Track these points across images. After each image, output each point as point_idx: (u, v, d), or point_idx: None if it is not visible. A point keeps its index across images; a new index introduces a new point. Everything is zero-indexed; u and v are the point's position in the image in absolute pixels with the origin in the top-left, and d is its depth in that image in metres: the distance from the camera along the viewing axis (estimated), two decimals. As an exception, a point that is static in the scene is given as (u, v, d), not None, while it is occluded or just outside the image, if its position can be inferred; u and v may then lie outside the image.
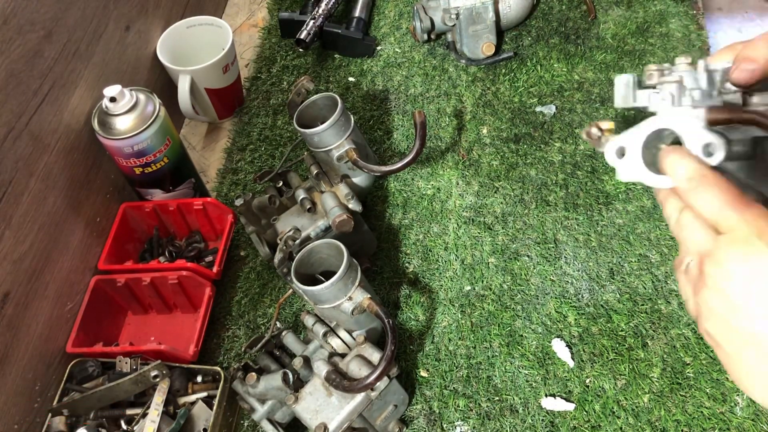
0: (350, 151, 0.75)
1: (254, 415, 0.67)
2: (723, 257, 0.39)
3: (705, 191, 0.39)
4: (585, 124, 0.93)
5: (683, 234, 0.42)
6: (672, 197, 0.43)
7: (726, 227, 0.39)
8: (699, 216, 0.40)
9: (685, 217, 0.42)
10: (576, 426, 0.68)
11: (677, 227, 0.42)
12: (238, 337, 0.80)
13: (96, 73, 0.81)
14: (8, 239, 0.67)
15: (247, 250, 0.87)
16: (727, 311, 0.39)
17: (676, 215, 0.43)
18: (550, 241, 0.82)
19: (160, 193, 0.84)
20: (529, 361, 0.73)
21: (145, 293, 0.79)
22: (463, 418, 0.70)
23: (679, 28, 1.03)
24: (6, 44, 0.66)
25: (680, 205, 0.42)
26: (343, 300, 0.63)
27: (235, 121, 1.03)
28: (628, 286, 0.77)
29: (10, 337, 0.67)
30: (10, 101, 0.67)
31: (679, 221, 0.42)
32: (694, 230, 0.41)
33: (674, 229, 0.43)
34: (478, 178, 0.90)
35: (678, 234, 0.43)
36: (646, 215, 0.83)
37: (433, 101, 1.00)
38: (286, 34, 1.12)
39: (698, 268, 0.41)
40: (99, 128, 0.76)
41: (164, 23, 0.98)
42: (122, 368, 0.70)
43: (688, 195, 0.40)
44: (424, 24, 1.02)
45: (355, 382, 0.59)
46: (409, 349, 0.76)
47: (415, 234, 0.86)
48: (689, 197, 0.40)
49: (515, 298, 0.78)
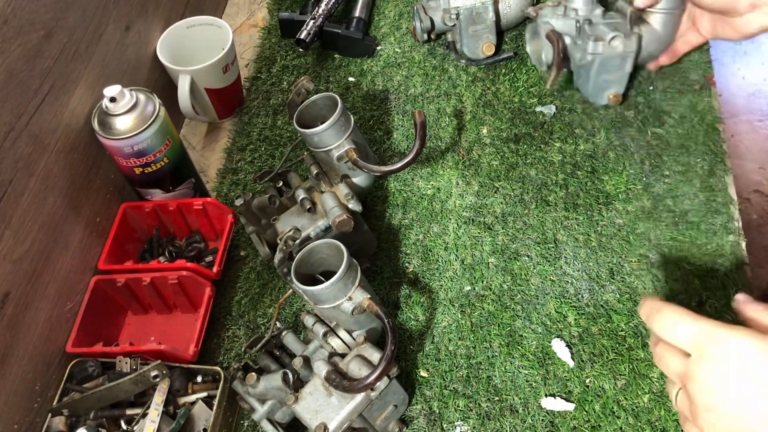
0: (350, 151, 0.75)
1: (254, 415, 0.67)
2: (698, 375, 0.42)
3: (659, 316, 0.45)
4: (585, 124, 0.93)
5: (662, 364, 0.47)
6: (655, 340, 0.48)
7: (690, 346, 0.43)
8: (669, 346, 0.45)
9: (659, 348, 0.47)
10: (576, 426, 0.69)
11: (658, 361, 0.47)
12: (238, 337, 0.80)
13: (96, 73, 0.81)
14: (8, 239, 0.67)
15: (247, 250, 0.87)
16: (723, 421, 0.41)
17: (657, 351, 0.48)
18: (550, 241, 0.82)
19: (160, 193, 0.84)
20: (529, 361, 0.73)
21: (145, 293, 0.79)
22: (463, 418, 0.70)
23: (679, 28, 1.03)
24: (6, 44, 0.66)
25: (656, 340, 0.48)
26: (343, 300, 0.63)
27: (235, 121, 1.03)
28: (628, 286, 0.77)
29: (10, 337, 0.67)
30: (9, 101, 0.67)
31: (656, 354, 0.47)
32: (669, 358, 0.46)
33: (658, 363, 0.48)
34: (478, 178, 0.90)
35: (660, 366, 0.47)
36: (646, 215, 0.83)
37: (433, 101, 1.00)
38: (286, 34, 1.12)
39: (685, 393, 0.45)
40: (99, 128, 0.76)
41: (164, 23, 0.98)
42: (122, 368, 0.70)
43: (652, 327, 0.46)
44: (424, 24, 1.02)
45: (355, 382, 0.59)
46: (409, 349, 0.76)
47: (415, 234, 0.86)
48: (653, 328, 0.46)
49: (515, 298, 0.78)
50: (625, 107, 0.94)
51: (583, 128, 0.93)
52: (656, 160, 0.88)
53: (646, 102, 0.95)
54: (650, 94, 0.96)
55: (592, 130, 0.93)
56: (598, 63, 0.86)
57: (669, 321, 0.44)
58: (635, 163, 0.88)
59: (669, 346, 0.45)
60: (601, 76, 0.88)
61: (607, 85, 0.90)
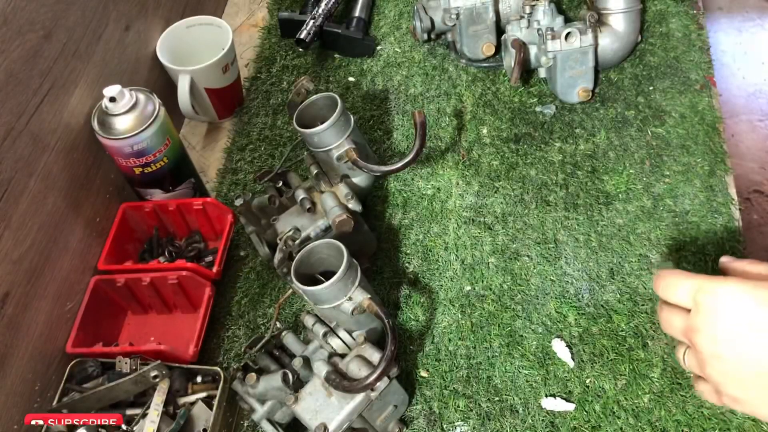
0: (350, 151, 0.75)
1: (254, 416, 0.67)
2: (700, 325, 0.46)
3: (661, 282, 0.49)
4: (585, 124, 0.93)
5: (668, 326, 0.50)
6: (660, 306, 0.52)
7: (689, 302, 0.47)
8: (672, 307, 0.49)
9: (664, 312, 0.50)
10: (576, 426, 0.68)
11: (664, 325, 0.51)
12: (238, 337, 0.79)
13: (96, 73, 0.81)
14: (8, 239, 0.67)
15: (247, 250, 0.87)
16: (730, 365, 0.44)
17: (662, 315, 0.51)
18: (550, 241, 0.82)
19: (160, 193, 0.84)
20: (529, 362, 0.73)
21: (145, 293, 0.79)
22: (463, 419, 0.70)
23: (680, 28, 1.03)
24: (6, 44, 0.66)
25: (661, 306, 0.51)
26: (343, 300, 0.63)
27: (235, 121, 1.03)
28: (628, 286, 0.77)
29: (10, 337, 0.67)
30: (9, 101, 0.67)
31: (662, 319, 0.51)
32: (672, 318, 0.49)
33: (664, 327, 0.51)
34: (478, 178, 0.89)
35: (666, 329, 0.51)
36: (646, 215, 0.83)
37: (433, 101, 1.00)
38: (286, 34, 1.12)
39: (691, 350, 0.48)
40: (99, 128, 0.76)
41: (164, 23, 0.98)
42: (122, 368, 0.70)
43: (657, 293, 0.50)
44: (424, 24, 1.02)
45: (355, 383, 0.59)
46: (409, 349, 0.76)
47: (415, 234, 0.86)
48: (658, 294, 0.50)
49: (515, 298, 0.78)
50: (625, 107, 0.94)
51: (583, 128, 0.93)
52: (656, 160, 0.88)
53: (646, 102, 0.95)
54: (650, 94, 0.96)
55: (592, 130, 0.93)
56: (560, 60, 0.92)
57: (669, 283, 0.48)
58: (635, 163, 0.88)
59: (672, 308, 0.49)
60: (566, 73, 0.93)
61: (575, 81, 0.94)
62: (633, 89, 0.97)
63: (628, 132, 0.92)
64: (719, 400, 0.47)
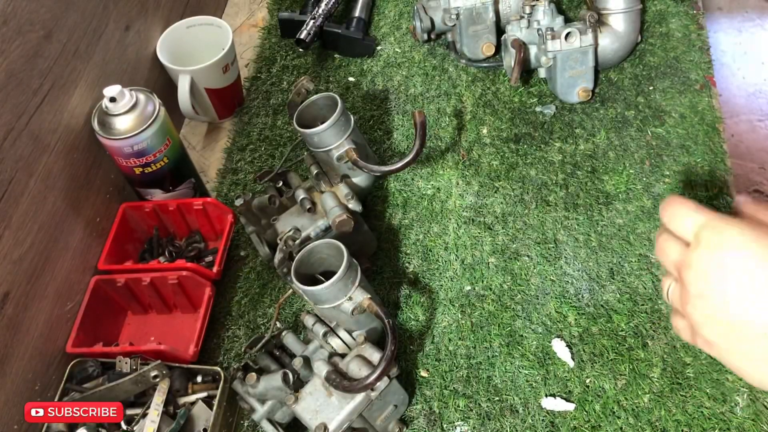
0: (350, 151, 0.75)
1: (254, 415, 0.67)
2: (695, 262, 0.42)
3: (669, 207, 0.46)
4: (585, 124, 0.93)
5: (662, 253, 0.47)
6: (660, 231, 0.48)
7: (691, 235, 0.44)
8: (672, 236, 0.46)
9: (662, 238, 0.47)
10: (576, 426, 0.68)
11: (659, 251, 0.47)
12: (238, 337, 0.79)
13: (96, 73, 0.81)
14: (8, 239, 0.67)
15: (247, 250, 0.87)
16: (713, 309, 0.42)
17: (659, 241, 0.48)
18: (550, 241, 0.82)
19: (160, 193, 0.84)
20: (529, 361, 0.73)
21: (145, 293, 0.79)
22: (463, 418, 0.70)
23: (679, 28, 1.03)
24: (6, 44, 0.66)
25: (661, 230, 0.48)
26: (343, 300, 0.63)
27: (235, 121, 1.03)
28: (628, 286, 0.77)
29: (10, 337, 0.67)
30: (9, 101, 0.67)
31: (658, 244, 0.47)
32: (669, 247, 0.46)
33: (658, 253, 0.48)
34: (478, 178, 0.89)
35: (659, 256, 0.47)
36: (646, 215, 0.83)
37: (433, 101, 1.00)
38: (286, 34, 1.12)
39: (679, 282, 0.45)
40: (99, 128, 0.76)
41: (164, 23, 0.98)
42: (122, 368, 0.70)
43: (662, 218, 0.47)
44: (424, 24, 1.02)
45: (355, 382, 0.59)
46: (409, 349, 0.76)
47: (415, 234, 0.86)
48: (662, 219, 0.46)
49: (515, 298, 0.78)
50: (625, 107, 0.94)
51: (583, 128, 0.93)
52: (656, 160, 0.88)
53: (646, 102, 0.95)
54: (650, 94, 0.96)
55: (592, 130, 0.93)
56: (560, 60, 0.92)
57: (676, 210, 0.45)
58: (635, 163, 0.88)
59: (672, 236, 0.46)
60: (566, 73, 0.93)
61: (575, 81, 0.94)
62: (633, 89, 0.97)
63: (628, 132, 0.92)
64: (693, 339, 0.45)
